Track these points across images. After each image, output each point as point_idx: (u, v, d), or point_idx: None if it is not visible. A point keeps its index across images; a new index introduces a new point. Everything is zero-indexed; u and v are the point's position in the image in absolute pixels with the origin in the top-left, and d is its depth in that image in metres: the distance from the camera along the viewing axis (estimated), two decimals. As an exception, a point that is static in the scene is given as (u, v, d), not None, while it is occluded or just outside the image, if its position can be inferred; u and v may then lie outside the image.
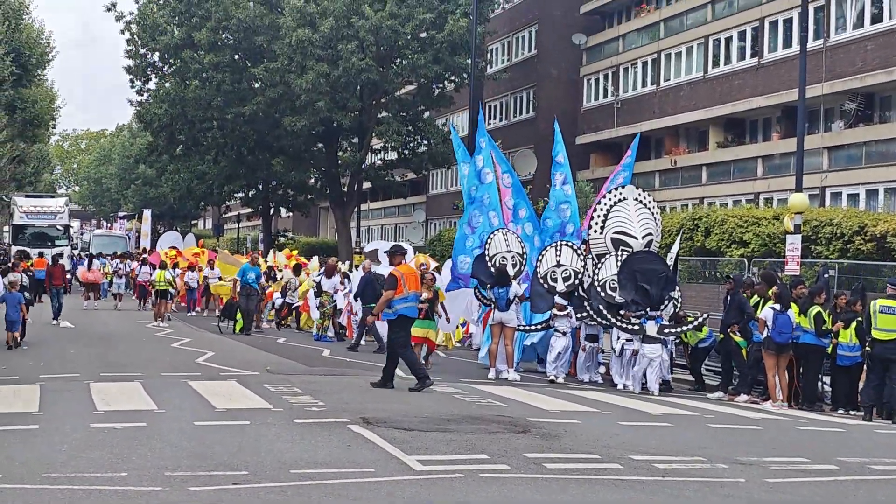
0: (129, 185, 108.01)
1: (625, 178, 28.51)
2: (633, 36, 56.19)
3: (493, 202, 27.93)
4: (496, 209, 27.90)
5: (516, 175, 29.50)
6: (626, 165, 29.25)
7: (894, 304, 20.35)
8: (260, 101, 56.77)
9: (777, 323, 21.04)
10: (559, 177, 28.35)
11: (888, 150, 38.61)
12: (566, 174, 28.45)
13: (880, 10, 39.49)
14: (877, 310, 20.45)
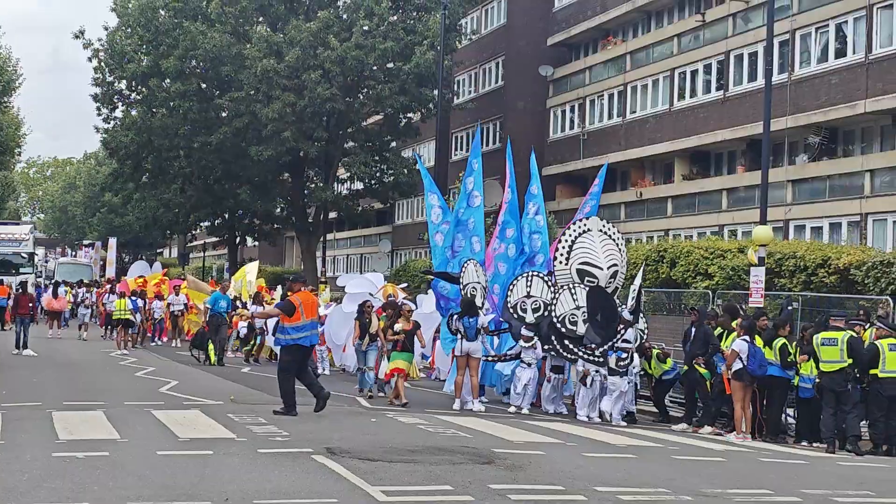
0: (95, 213, 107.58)
1: (592, 208, 28.67)
2: (599, 68, 56.42)
3: (477, 227, 27.83)
4: (479, 235, 27.81)
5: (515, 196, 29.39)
6: (593, 195, 29.45)
7: (834, 336, 20.56)
8: (226, 130, 56.74)
9: (754, 355, 21.12)
10: (532, 207, 28.40)
11: (851, 183, 38.85)
12: (539, 205, 28.50)
13: (844, 45, 39.81)
14: (819, 343, 20.66)
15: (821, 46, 40.78)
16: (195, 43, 56.24)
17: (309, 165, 62.47)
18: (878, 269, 27.20)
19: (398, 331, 24.28)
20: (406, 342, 24.28)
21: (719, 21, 47.00)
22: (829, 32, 40.42)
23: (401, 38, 54.44)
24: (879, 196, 37.48)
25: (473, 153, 29.51)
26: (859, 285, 27.70)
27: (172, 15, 58.66)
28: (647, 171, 52.77)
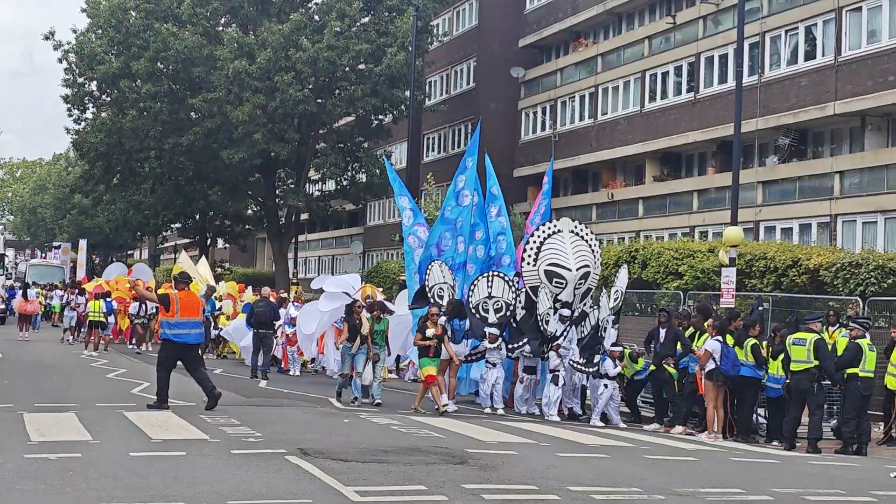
0: (65, 215, 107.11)
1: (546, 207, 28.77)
2: (570, 70, 56.56)
3: (464, 227, 27.76)
4: (464, 235, 27.75)
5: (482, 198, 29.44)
6: (545, 193, 29.46)
7: (804, 337, 20.76)
8: (197, 131, 56.55)
9: (727, 355, 21.22)
10: (494, 209, 28.40)
11: (821, 184, 39.05)
12: (500, 206, 28.50)
13: (813, 47, 40.01)
14: (790, 343, 20.86)
15: (791, 49, 40.99)
16: (166, 44, 56.04)
17: (280, 167, 62.36)
18: (847, 270, 27.34)
19: (430, 336, 23.10)
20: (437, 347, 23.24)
21: (690, 23, 47.20)
22: (798, 35, 40.65)
23: (373, 39, 54.43)
24: (849, 197, 37.69)
25: (470, 151, 29.29)
26: (829, 286, 27.84)
27: (143, 16, 58.39)
28: (618, 173, 52.93)
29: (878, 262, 26.99)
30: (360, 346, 24.22)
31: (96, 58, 59.35)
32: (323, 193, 65.53)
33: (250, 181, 63.14)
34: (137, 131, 58.99)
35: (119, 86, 58.49)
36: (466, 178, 28.17)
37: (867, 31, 37.68)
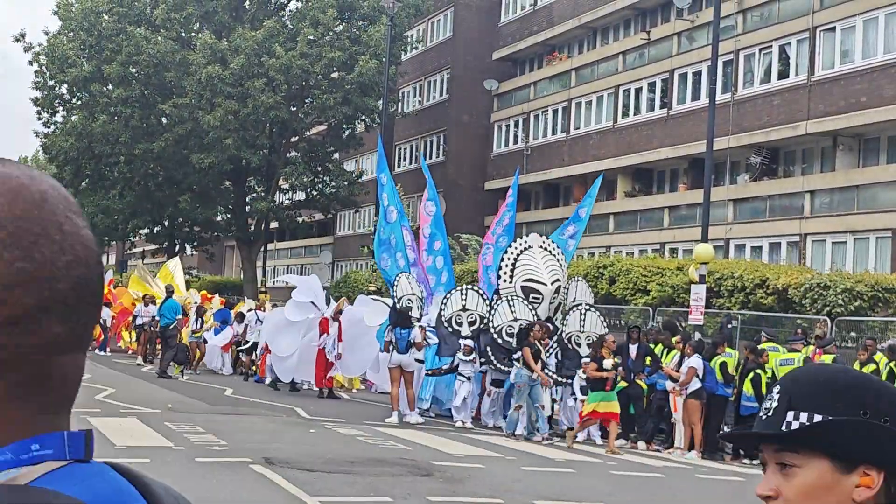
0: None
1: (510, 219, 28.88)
2: (544, 83, 56.61)
3: (399, 243, 27.83)
4: (402, 250, 27.80)
5: (440, 206, 29.49)
6: (509, 206, 29.54)
7: (792, 357, 21.02)
8: (168, 137, 56.35)
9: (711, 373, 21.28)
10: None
11: (791, 203, 39.17)
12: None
13: (787, 66, 40.15)
14: (778, 363, 21.02)
15: (764, 67, 41.14)
16: (139, 48, 55.83)
17: (251, 174, 62.19)
18: (815, 291, 27.44)
19: (609, 367, 21.29)
20: (614, 380, 21.50)
21: (664, 39, 47.31)
22: (772, 54, 40.79)
23: (346, 47, 54.38)
24: (819, 217, 37.82)
25: (380, 168, 29.49)
26: (797, 305, 27.92)
27: (116, 20, 58.14)
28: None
29: (845, 286, 27.10)
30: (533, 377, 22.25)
31: (67, 61, 59.05)
32: (293, 202, 65.37)
33: (220, 188, 62.93)
34: (108, 136, 58.68)
35: (90, 89, 58.24)
36: (388, 196, 28.31)
37: (840, 52, 37.85)
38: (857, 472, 2.11)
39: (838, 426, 2.11)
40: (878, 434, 2.11)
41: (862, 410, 2.13)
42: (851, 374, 2.24)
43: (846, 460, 2.12)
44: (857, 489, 2.11)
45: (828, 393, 2.17)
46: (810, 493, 2.14)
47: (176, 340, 33.19)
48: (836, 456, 2.12)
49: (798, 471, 2.15)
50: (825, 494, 2.13)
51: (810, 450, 2.14)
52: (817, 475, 2.13)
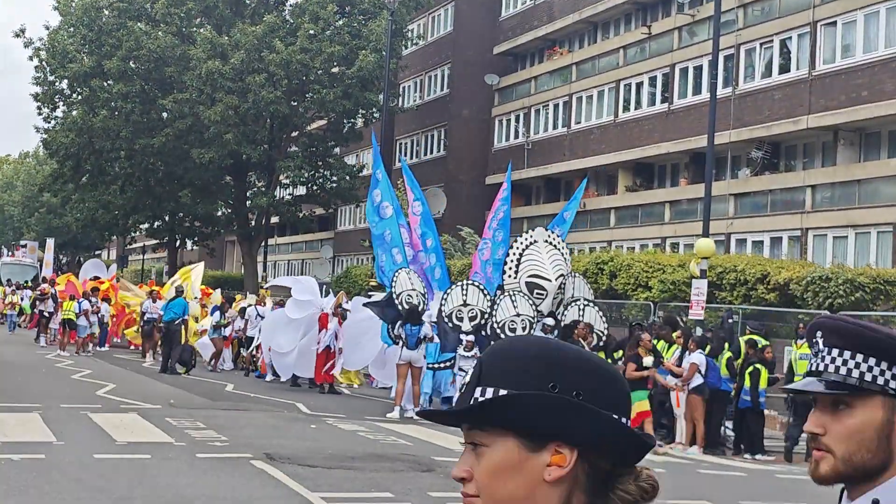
0: (33, 214, 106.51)
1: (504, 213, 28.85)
2: (545, 78, 56.53)
3: (394, 239, 27.78)
4: (399, 245, 27.76)
5: (427, 204, 29.48)
6: (503, 200, 29.49)
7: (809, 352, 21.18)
8: (169, 132, 56.30)
9: (713, 369, 21.25)
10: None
11: (792, 198, 39.11)
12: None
13: (788, 60, 40.09)
14: (796, 357, 21.32)
15: (765, 62, 41.07)
16: (139, 43, 55.78)
17: (251, 169, 62.15)
18: (816, 284, 27.42)
19: (648, 366, 21.38)
20: None
21: (665, 34, 47.24)
22: (773, 48, 40.73)
23: (346, 41, 54.33)
24: (820, 211, 37.77)
25: (376, 164, 29.41)
26: (798, 300, 27.90)
27: (116, 15, 58.07)
28: (590, 182, 52.90)
29: (847, 277, 27.09)
30: None
31: (68, 56, 58.99)
32: (293, 197, 65.32)
33: (221, 183, 62.90)
34: (108, 131, 58.63)
35: (90, 85, 58.18)
36: (382, 192, 28.23)
37: (841, 46, 37.79)
38: (547, 450, 2.02)
39: (522, 401, 2.02)
40: (567, 409, 2.02)
41: (551, 384, 2.03)
42: (546, 345, 2.12)
43: (534, 437, 2.03)
44: (549, 468, 2.02)
45: (517, 366, 2.07)
46: (498, 473, 2.05)
47: (180, 339, 33.16)
48: (523, 433, 2.03)
49: (486, 450, 2.06)
50: (514, 474, 2.04)
51: (496, 427, 2.05)
52: (504, 453, 2.04)
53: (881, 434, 2.38)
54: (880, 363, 2.40)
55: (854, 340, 2.44)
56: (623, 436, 2.06)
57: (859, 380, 2.41)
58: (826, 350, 2.49)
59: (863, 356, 2.42)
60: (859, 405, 2.41)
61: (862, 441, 2.39)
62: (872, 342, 2.42)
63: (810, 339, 2.57)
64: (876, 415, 2.39)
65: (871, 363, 2.40)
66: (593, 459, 2.05)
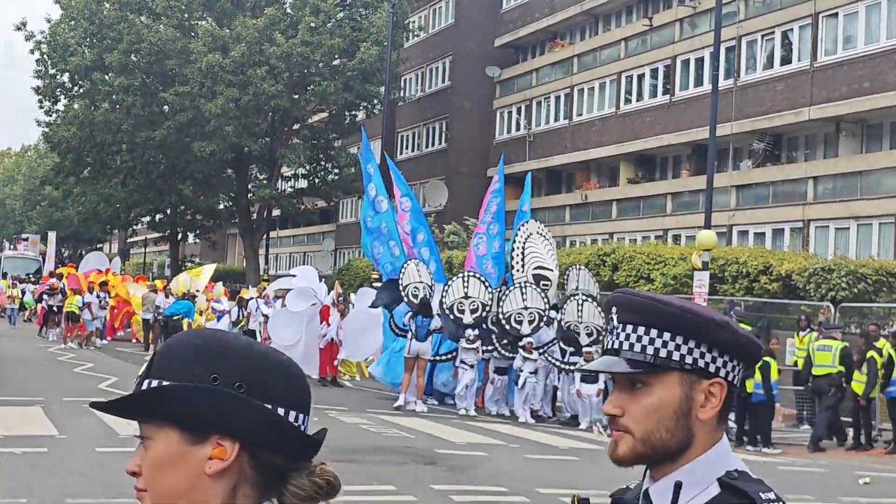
0: (35, 207, 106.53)
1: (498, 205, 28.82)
2: (546, 70, 56.49)
3: (391, 231, 27.77)
4: (395, 238, 27.74)
5: (416, 199, 29.54)
6: (494, 192, 29.44)
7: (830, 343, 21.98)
8: (170, 125, 56.26)
9: None
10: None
11: (794, 190, 39.09)
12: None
13: (789, 52, 40.05)
14: (815, 348, 21.69)
15: (767, 53, 41.03)
16: (140, 36, 55.76)
17: (253, 162, 62.14)
18: (819, 275, 27.40)
19: None
20: None
21: (666, 26, 47.20)
22: (774, 39, 40.69)
23: (346, 34, 54.32)
24: (822, 203, 37.74)
25: (366, 159, 29.46)
26: (801, 291, 27.88)
27: (117, 8, 58.05)
28: (592, 174, 52.90)
29: (849, 268, 27.07)
30: None
31: (69, 49, 58.97)
32: (295, 190, 65.32)
33: (222, 176, 62.89)
34: (109, 124, 58.61)
35: (91, 78, 58.16)
36: (376, 185, 28.23)
37: (843, 37, 37.75)
38: (209, 443, 2.01)
39: (180, 392, 2.01)
40: (227, 401, 2.00)
41: (213, 376, 2.01)
42: (214, 338, 2.10)
43: (194, 429, 2.01)
44: (210, 461, 2.01)
45: (180, 357, 2.05)
46: (160, 466, 2.04)
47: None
48: (184, 425, 2.01)
49: (151, 443, 2.06)
50: (175, 467, 2.03)
51: (158, 419, 2.03)
52: (165, 446, 2.03)
53: (679, 412, 2.29)
54: (675, 338, 2.30)
55: (648, 315, 2.34)
56: (287, 430, 2.04)
57: (654, 356, 2.31)
58: (621, 327, 2.38)
59: (657, 331, 2.32)
60: (656, 383, 2.31)
61: (660, 420, 2.29)
62: (666, 316, 2.32)
63: (607, 315, 2.47)
64: (674, 392, 2.29)
65: (667, 338, 2.31)
66: (260, 454, 2.04)
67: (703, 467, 2.28)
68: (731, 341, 2.30)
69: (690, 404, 2.29)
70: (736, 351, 2.32)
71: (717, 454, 2.30)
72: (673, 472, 2.31)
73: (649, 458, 2.33)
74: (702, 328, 2.30)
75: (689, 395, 2.29)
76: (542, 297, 24.61)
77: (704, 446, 2.30)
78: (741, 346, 2.32)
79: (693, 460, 2.29)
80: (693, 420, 2.29)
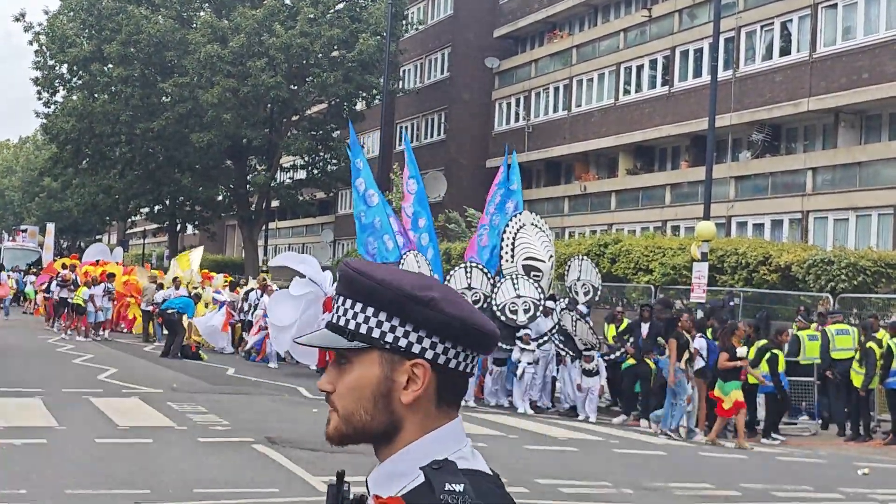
0: (34, 198, 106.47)
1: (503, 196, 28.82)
2: (545, 61, 56.46)
3: (384, 226, 27.74)
4: (389, 232, 27.72)
5: (423, 183, 29.49)
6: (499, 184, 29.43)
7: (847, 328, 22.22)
8: (168, 116, 56.25)
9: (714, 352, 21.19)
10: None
11: (793, 181, 39.09)
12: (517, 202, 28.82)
13: (788, 43, 40.03)
14: (834, 332, 22.00)
15: (766, 44, 41.01)
16: (139, 27, 55.71)
17: (252, 153, 62.13)
18: (818, 266, 27.42)
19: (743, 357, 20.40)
20: None
21: (666, 17, 47.18)
22: (774, 30, 40.66)
23: (346, 25, 54.30)
24: (821, 194, 37.75)
25: (354, 153, 29.52)
26: (800, 282, 27.90)
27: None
28: (591, 165, 52.90)
29: (849, 260, 27.09)
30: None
31: (67, 40, 58.92)
32: (294, 181, 65.31)
33: (221, 167, 62.90)
34: (108, 115, 58.60)
35: (90, 69, 58.14)
36: (365, 180, 28.25)
37: (842, 28, 37.73)
38: None
39: None
40: None
41: None
42: None
43: None
44: None
45: None
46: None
47: (182, 327, 33.19)
48: None
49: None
50: None
51: None
52: None
53: (378, 393, 2.19)
54: (379, 314, 2.20)
55: (352, 287, 2.25)
56: None
57: (354, 332, 2.22)
58: (340, 300, 2.28)
59: (361, 305, 2.22)
60: (357, 360, 2.22)
61: (359, 400, 2.21)
62: (365, 290, 2.22)
63: None
64: (372, 371, 2.20)
65: (369, 313, 2.20)
66: None
67: (410, 455, 2.19)
68: (439, 321, 2.18)
69: (391, 385, 2.20)
70: (447, 332, 2.20)
71: (433, 441, 2.19)
72: (387, 458, 2.24)
73: (353, 439, 2.27)
74: (402, 304, 2.19)
75: (388, 376, 2.20)
76: (535, 286, 24.58)
77: (418, 432, 2.21)
78: (453, 329, 2.19)
79: (407, 447, 2.21)
80: (395, 403, 2.20)
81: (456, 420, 2.26)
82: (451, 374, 2.23)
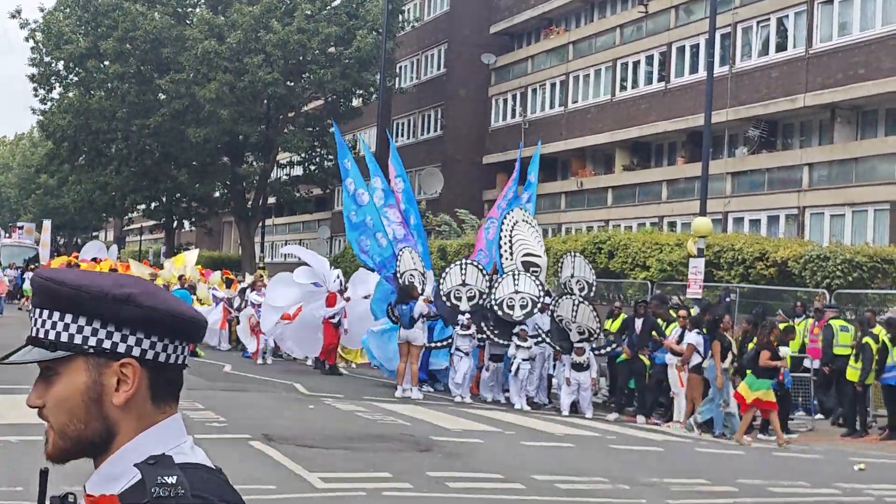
0: (30, 195, 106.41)
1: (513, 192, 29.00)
2: (541, 57, 56.45)
3: (376, 224, 27.78)
4: (381, 230, 27.76)
5: (409, 182, 29.65)
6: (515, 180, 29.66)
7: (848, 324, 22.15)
8: (165, 112, 56.21)
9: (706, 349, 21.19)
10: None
11: (790, 176, 39.10)
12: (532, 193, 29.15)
13: (784, 38, 40.03)
14: (838, 328, 22.02)
15: (762, 40, 41.01)
16: (135, 24, 55.66)
17: (248, 150, 62.11)
18: (814, 262, 27.42)
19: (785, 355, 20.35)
20: None
21: (662, 13, 47.16)
22: (770, 26, 40.67)
23: (343, 22, 54.29)
24: (817, 190, 37.77)
25: (342, 154, 29.68)
26: (797, 278, 27.91)
27: (112, -5, 58.05)
28: (587, 161, 52.90)
29: (845, 256, 27.10)
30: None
31: (63, 37, 58.85)
32: (291, 178, 65.30)
33: (218, 164, 62.85)
34: (104, 112, 58.54)
35: (86, 66, 58.08)
36: (354, 179, 28.34)
37: (838, 24, 37.74)
38: None
39: None
40: None
41: None
42: None
43: None
44: None
45: None
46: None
47: None
48: None
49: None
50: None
51: None
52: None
53: (88, 400, 2.16)
54: (78, 319, 2.17)
55: (47, 297, 2.21)
56: None
57: (56, 342, 2.18)
58: (37, 312, 2.24)
59: (59, 314, 2.19)
60: (64, 371, 2.18)
61: (71, 410, 2.17)
62: (62, 297, 2.18)
63: None
64: (80, 378, 2.16)
65: (68, 321, 2.18)
66: None
67: (126, 455, 2.18)
68: (141, 316, 2.16)
69: (101, 390, 2.17)
70: (151, 326, 2.18)
71: (147, 440, 2.18)
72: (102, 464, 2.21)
73: (72, 452, 2.25)
74: (100, 306, 2.17)
75: (97, 381, 2.17)
76: (535, 282, 24.56)
77: (134, 433, 2.19)
78: (157, 321, 2.18)
79: (121, 448, 2.19)
80: (108, 407, 2.17)
81: (174, 416, 2.24)
82: (163, 369, 2.21)
